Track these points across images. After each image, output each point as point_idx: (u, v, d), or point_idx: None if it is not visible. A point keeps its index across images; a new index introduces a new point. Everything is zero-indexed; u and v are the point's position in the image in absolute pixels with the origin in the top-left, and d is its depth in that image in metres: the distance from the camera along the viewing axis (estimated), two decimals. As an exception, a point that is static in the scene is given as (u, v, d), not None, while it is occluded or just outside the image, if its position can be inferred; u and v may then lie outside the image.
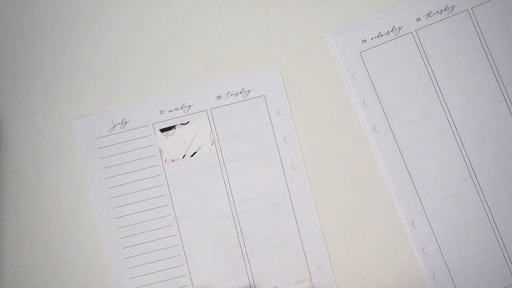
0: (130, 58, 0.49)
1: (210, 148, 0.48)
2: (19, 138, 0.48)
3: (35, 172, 0.48)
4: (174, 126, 0.48)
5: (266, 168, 0.48)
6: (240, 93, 0.48)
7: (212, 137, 0.48)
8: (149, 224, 0.47)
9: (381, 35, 0.48)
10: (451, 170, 0.47)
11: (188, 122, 0.48)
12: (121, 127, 0.48)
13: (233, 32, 0.49)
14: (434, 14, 0.48)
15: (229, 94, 0.48)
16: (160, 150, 0.48)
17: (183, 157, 0.48)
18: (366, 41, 0.48)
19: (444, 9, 0.48)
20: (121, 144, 0.48)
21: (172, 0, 0.49)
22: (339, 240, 0.47)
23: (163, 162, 0.48)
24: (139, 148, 0.48)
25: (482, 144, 0.47)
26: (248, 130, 0.48)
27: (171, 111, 0.48)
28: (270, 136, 0.48)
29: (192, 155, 0.48)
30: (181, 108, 0.48)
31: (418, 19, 0.48)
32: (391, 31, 0.48)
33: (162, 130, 0.48)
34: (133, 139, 0.48)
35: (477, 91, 0.47)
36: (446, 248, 0.46)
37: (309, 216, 0.47)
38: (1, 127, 0.48)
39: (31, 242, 0.47)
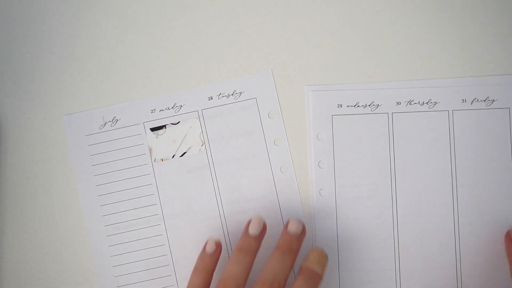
0: (124, 56, 0.49)
1: (200, 149, 0.48)
2: (19, 138, 0.48)
3: (35, 172, 0.48)
4: (164, 126, 0.48)
5: (255, 171, 0.47)
6: (232, 94, 0.48)
7: (202, 138, 0.48)
8: (136, 222, 0.47)
9: (358, 106, 0.47)
10: (379, 257, 0.46)
11: (178, 122, 0.48)
12: (112, 125, 0.48)
13: (228, 33, 0.49)
14: (415, 103, 0.47)
15: (220, 96, 0.48)
16: (150, 149, 0.48)
17: (172, 157, 0.48)
18: (341, 106, 0.47)
19: (426, 103, 0.47)
20: (111, 142, 0.48)
21: (168, 1, 0.49)
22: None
23: (153, 161, 0.48)
24: (129, 147, 0.48)
25: (412, 242, 0.46)
26: (239, 132, 0.48)
27: (162, 110, 0.48)
28: (260, 139, 0.48)
29: (181, 155, 0.48)
30: (172, 108, 0.48)
31: (398, 103, 0.47)
32: (369, 105, 0.47)
33: (153, 129, 0.48)
34: (123, 137, 0.48)
35: (432, 189, 0.46)
36: None
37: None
38: (1, 127, 0.48)
39: (31, 242, 0.47)
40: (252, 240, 0.43)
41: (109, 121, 0.48)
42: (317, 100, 0.47)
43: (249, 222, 0.44)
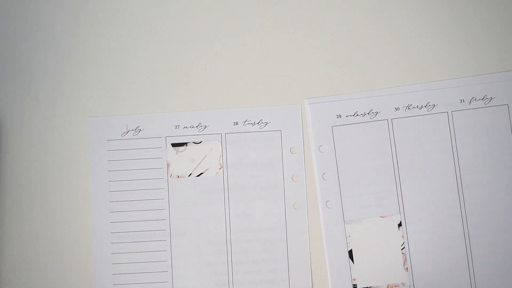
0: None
1: (217, 172, 0.48)
2: (19, 138, 0.48)
3: (35, 172, 0.48)
4: (186, 143, 0.48)
5: (268, 203, 0.47)
6: (258, 123, 0.48)
7: (221, 162, 0.48)
8: (142, 235, 0.47)
9: (357, 115, 0.47)
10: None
11: (201, 141, 0.48)
12: (134, 134, 0.48)
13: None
14: (413, 108, 0.47)
15: (246, 122, 0.48)
16: (168, 164, 0.48)
17: (189, 176, 0.48)
18: (340, 116, 0.47)
19: (425, 106, 0.47)
20: (131, 151, 0.48)
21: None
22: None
23: (169, 176, 0.48)
24: (147, 158, 0.48)
25: (424, 244, 0.47)
26: (258, 161, 0.48)
27: (186, 127, 0.48)
28: (279, 172, 0.48)
29: (198, 175, 0.48)
30: (196, 126, 0.48)
31: (397, 109, 0.47)
32: (368, 113, 0.47)
33: (174, 145, 0.48)
34: (144, 148, 0.48)
35: (438, 191, 0.47)
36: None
37: (302, 259, 0.47)
38: (1, 127, 0.48)
39: (32, 242, 0.47)
40: None
41: (132, 130, 0.48)
42: (316, 112, 0.48)
43: None
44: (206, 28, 0.49)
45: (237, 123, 0.48)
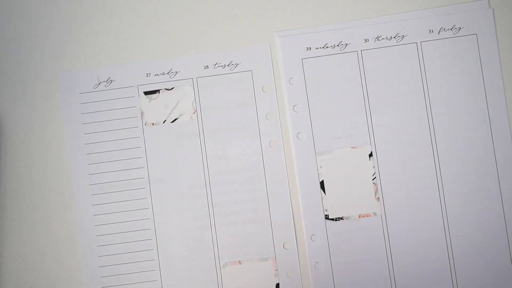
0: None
1: (191, 117, 0.48)
2: (19, 138, 0.48)
3: (36, 172, 0.48)
4: (158, 90, 0.48)
5: (244, 143, 0.48)
6: (228, 65, 0.48)
7: (194, 106, 0.48)
8: (121, 184, 0.47)
9: (327, 47, 0.48)
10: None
11: (172, 88, 0.48)
12: (106, 85, 0.48)
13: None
14: (383, 39, 0.48)
15: (216, 65, 0.48)
16: (142, 113, 0.48)
17: (163, 122, 0.48)
18: (310, 49, 0.48)
19: (394, 37, 0.48)
20: (104, 102, 0.48)
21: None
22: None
23: (143, 124, 0.48)
24: (121, 108, 0.48)
25: (395, 173, 0.47)
26: (231, 103, 0.48)
27: (157, 75, 0.48)
28: (252, 111, 0.48)
29: (172, 121, 0.48)
30: (167, 73, 0.48)
31: (366, 40, 0.48)
32: (337, 45, 0.48)
33: (146, 93, 0.48)
34: (116, 98, 0.48)
35: (408, 121, 0.47)
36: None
37: (281, 196, 0.47)
38: (1, 127, 0.48)
39: (31, 242, 0.47)
40: None
41: (104, 81, 0.48)
42: (285, 45, 0.48)
43: None
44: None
45: (207, 66, 0.48)
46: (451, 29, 0.48)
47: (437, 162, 0.47)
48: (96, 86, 0.48)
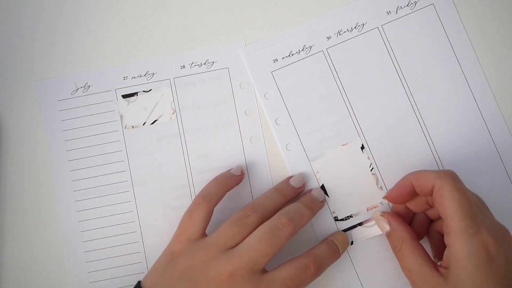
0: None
1: (170, 117, 0.48)
2: (19, 138, 0.48)
3: (36, 172, 0.48)
4: (136, 93, 0.48)
5: (225, 140, 0.48)
6: (204, 64, 0.48)
7: (173, 106, 0.48)
8: (105, 188, 0.47)
9: (292, 54, 0.48)
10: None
11: (150, 89, 0.48)
12: (84, 91, 0.48)
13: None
14: (344, 32, 0.48)
15: (193, 65, 0.48)
16: (121, 116, 0.48)
17: (143, 124, 0.48)
18: (277, 60, 0.48)
19: (355, 27, 0.48)
20: (83, 108, 0.48)
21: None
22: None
23: (123, 128, 0.48)
24: (100, 113, 0.48)
25: (390, 158, 0.47)
26: (210, 101, 0.48)
27: (134, 77, 0.48)
28: (231, 108, 0.48)
29: (152, 123, 0.48)
30: (144, 75, 0.48)
31: (328, 38, 0.48)
32: (302, 49, 0.48)
33: (124, 96, 0.48)
34: (95, 103, 0.48)
35: (389, 104, 0.47)
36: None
37: (265, 191, 0.47)
38: (1, 127, 0.48)
39: (31, 242, 0.47)
40: (289, 188, 0.44)
41: (81, 87, 0.48)
42: (252, 62, 0.48)
43: (290, 176, 0.46)
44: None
45: (184, 66, 0.48)
46: (407, 5, 0.48)
47: (427, 134, 0.47)
48: (74, 92, 0.48)
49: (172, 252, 0.41)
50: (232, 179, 0.45)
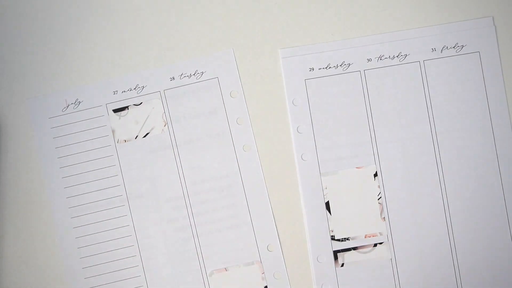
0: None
1: (162, 129, 0.48)
2: (19, 138, 0.48)
3: (36, 171, 0.48)
4: (127, 107, 0.48)
5: (218, 150, 0.48)
6: (194, 74, 0.48)
7: (165, 118, 0.48)
8: (100, 204, 0.47)
9: (330, 67, 0.47)
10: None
11: (141, 103, 0.48)
12: (75, 107, 0.48)
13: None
14: (385, 58, 0.47)
15: (182, 76, 0.48)
16: (113, 131, 0.48)
17: (135, 138, 0.48)
18: (313, 69, 0.47)
19: (397, 56, 0.47)
20: (74, 124, 0.48)
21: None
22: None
23: (116, 142, 0.48)
24: (92, 128, 0.48)
25: (401, 192, 0.47)
26: (201, 112, 0.48)
27: (124, 91, 0.48)
28: (222, 118, 0.48)
29: (144, 136, 0.48)
30: (134, 89, 0.48)
31: (369, 60, 0.47)
32: (340, 65, 0.47)
33: (115, 111, 0.48)
34: (86, 119, 0.48)
35: (412, 140, 0.47)
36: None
37: (260, 199, 0.47)
38: (1, 127, 0.48)
39: (31, 242, 0.47)
40: None
41: (72, 103, 0.48)
42: (289, 65, 0.48)
43: None
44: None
45: (173, 78, 0.48)
46: (453, 47, 0.47)
47: (442, 181, 0.47)
48: (64, 109, 0.48)
49: None
50: None
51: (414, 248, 0.46)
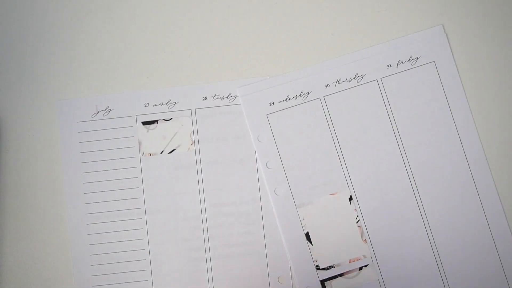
0: (123, 45, 0.49)
1: (189, 148, 0.48)
2: (19, 138, 0.48)
3: (36, 171, 0.48)
4: (156, 121, 0.48)
5: (242, 174, 0.48)
6: (227, 97, 0.48)
7: (192, 137, 0.48)
8: (118, 214, 0.47)
9: (289, 99, 0.47)
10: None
11: (171, 118, 0.48)
12: (104, 114, 0.48)
13: (229, 35, 0.49)
14: (343, 81, 0.48)
15: (215, 97, 0.48)
16: (140, 143, 0.48)
17: (161, 153, 0.48)
18: (273, 103, 0.47)
19: (354, 78, 0.48)
20: (102, 131, 0.48)
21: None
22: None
23: (141, 155, 0.48)
24: (119, 138, 0.48)
25: (378, 212, 0.47)
26: (229, 135, 0.48)
27: (156, 105, 0.48)
28: (249, 143, 0.48)
29: (170, 152, 0.48)
30: (166, 104, 0.48)
31: (327, 85, 0.48)
32: (299, 95, 0.48)
33: (144, 123, 0.48)
34: (115, 128, 0.48)
35: (381, 158, 0.47)
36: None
37: (277, 229, 0.47)
38: (1, 127, 0.48)
39: (32, 242, 0.47)
40: None
41: (102, 110, 0.48)
42: (248, 103, 0.48)
43: None
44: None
45: (206, 98, 0.48)
46: (408, 60, 0.48)
47: (417, 194, 0.47)
48: (94, 115, 0.48)
49: None
50: None
51: (399, 265, 0.46)
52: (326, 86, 0.48)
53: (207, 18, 0.49)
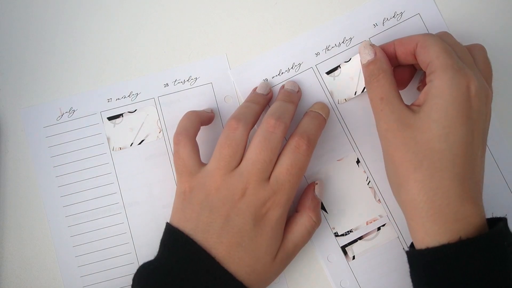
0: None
1: (157, 136, 0.48)
2: (19, 138, 0.48)
3: (36, 171, 0.48)
4: (121, 114, 0.48)
5: (213, 155, 0.47)
6: (188, 80, 0.48)
7: (159, 125, 0.48)
8: (97, 212, 0.47)
9: (282, 73, 0.48)
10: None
11: (135, 110, 0.48)
12: (69, 116, 0.48)
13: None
14: (332, 47, 0.47)
15: (176, 82, 0.48)
16: (108, 138, 0.48)
17: (130, 145, 0.48)
18: (267, 80, 0.47)
19: (343, 42, 0.48)
20: (69, 133, 0.48)
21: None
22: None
23: (111, 150, 0.48)
24: (87, 137, 0.48)
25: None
26: (196, 117, 0.48)
27: (118, 99, 0.48)
28: (217, 123, 0.48)
29: (139, 143, 0.48)
30: (128, 96, 0.48)
31: (317, 54, 0.48)
32: (292, 67, 0.48)
33: (110, 118, 0.48)
34: (81, 128, 0.48)
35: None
36: None
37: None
38: (1, 127, 0.48)
39: (31, 242, 0.47)
40: (259, 95, 0.45)
41: (66, 112, 0.48)
42: (242, 82, 0.48)
43: (255, 87, 0.47)
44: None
45: (167, 84, 0.48)
46: (393, 16, 0.48)
47: None
48: (59, 118, 0.48)
49: (183, 192, 0.42)
50: (203, 113, 0.45)
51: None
52: (316, 54, 0.48)
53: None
